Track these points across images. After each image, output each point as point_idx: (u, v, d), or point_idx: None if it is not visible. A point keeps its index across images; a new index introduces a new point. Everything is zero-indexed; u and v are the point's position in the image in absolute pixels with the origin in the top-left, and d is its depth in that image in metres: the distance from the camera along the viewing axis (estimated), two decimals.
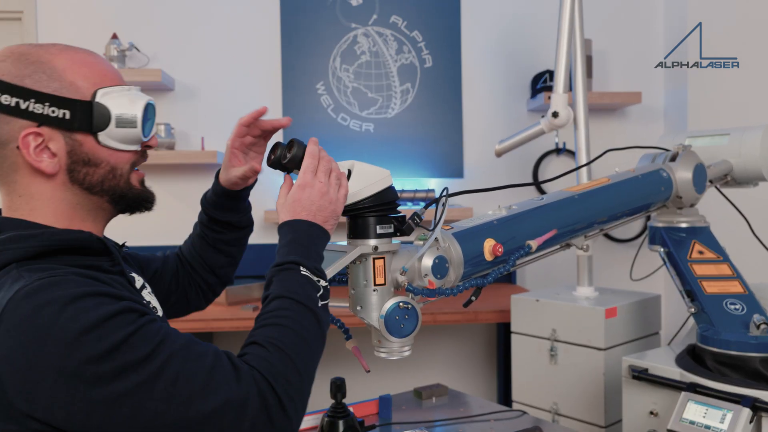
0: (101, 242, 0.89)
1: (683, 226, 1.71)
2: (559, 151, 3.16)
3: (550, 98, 2.31)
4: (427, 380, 2.26)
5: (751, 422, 1.38)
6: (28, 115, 0.85)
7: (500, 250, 1.13)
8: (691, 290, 1.64)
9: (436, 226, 1.06)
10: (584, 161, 2.31)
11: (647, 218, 2.76)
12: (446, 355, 3.25)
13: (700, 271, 1.65)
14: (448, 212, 1.06)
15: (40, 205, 0.89)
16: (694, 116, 2.97)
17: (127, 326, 0.76)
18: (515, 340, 2.32)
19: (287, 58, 3.08)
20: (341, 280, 1.08)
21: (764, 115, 2.76)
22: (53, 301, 0.74)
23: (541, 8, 3.13)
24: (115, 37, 2.89)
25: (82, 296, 0.76)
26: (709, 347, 1.54)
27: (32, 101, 0.85)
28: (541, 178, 3.16)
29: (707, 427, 1.41)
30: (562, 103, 2.26)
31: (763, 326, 1.48)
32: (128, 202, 0.96)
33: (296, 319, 0.87)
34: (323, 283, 0.93)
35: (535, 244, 1.18)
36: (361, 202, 1.01)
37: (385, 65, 3.13)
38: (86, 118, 0.87)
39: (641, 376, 1.63)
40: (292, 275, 0.91)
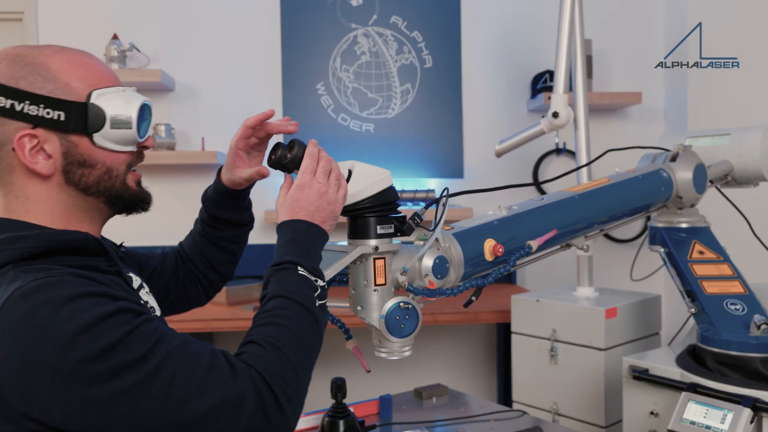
0: (98, 243, 0.89)
1: (683, 226, 1.71)
2: (559, 151, 3.16)
3: (550, 98, 2.31)
4: (427, 380, 2.26)
5: (751, 422, 1.37)
6: (23, 116, 0.85)
7: (500, 250, 1.13)
8: (691, 290, 1.64)
9: (436, 226, 1.06)
10: (584, 161, 2.31)
11: (647, 218, 2.76)
12: (446, 355, 3.25)
13: (700, 271, 1.65)
14: (448, 212, 1.06)
15: (36, 206, 0.89)
16: (694, 116, 2.97)
17: (123, 326, 0.76)
18: (515, 340, 2.32)
19: (287, 58, 3.08)
20: (342, 280, 1.08)
21: (764, 115, 2.76)
22: (49, 301, 0.75)
23: (541, 8, 3.13)
24: (115, 37, 2.89)
25: (78, 296, 0.76)
26: (709, 347, 1.54)
27: (27, 103, 0.85)
28: (541, 178, 3.16)
29: (708, 427, 1.41)
30: (562, 103, 2.27)
31: (763, 326, 1.48)
32: (124, 202, 0.96)
33: (293, 318, 0.87)
34: (321, 282, 0.93)
35: (535, 244, 1.18)
36: (361, 202, 1.01)
37: (385, 65, 3.13)
38: (81, 119, 0.87)
39: (642, 376, 1.63)
40: (289, 275, 0.91)
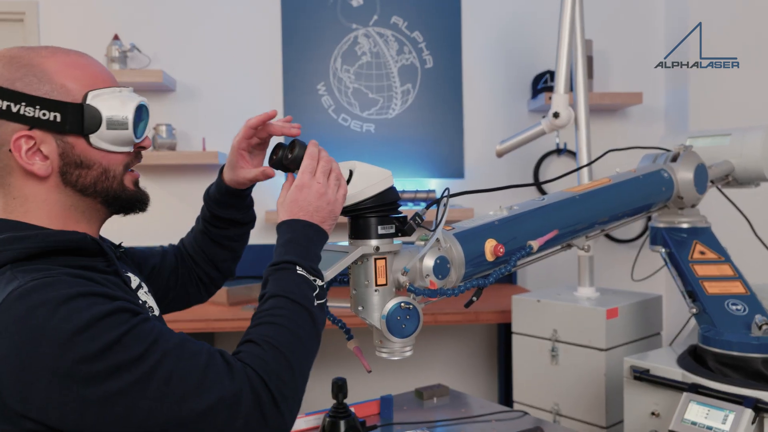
0: (96, 243, 0.89)
1: (684, 226, 1.71)
2: (560, 151, 3.16)
3: (550, 99, 2.31)
4: (428, 380, 2.26)
5: (753, 423, 1.37)
6: (19, 118, 0.85)
7: (501, 250, 1.13)
8: (692, 291, 1.63)
9: (437, 226, 1.06)
10: (585, 162, 2.31)
11: (648, 219, 2.76)
12: (447, 355, 3.25)
13: (701, 271, 1.65)
14: (449, 213, 1.06)
15: (34, 207, 0.89)
16: (695, 116, 2.96)
17: (120, 326, 0.76)
18: (516, 340, 2.32)
19: (288, 58, 3.08)
20: (343, 280, 1.08)
21: (766, 115, 2.76)
22: (47, 301, 0.75)
23: (541, 8, 3.13)
24: (116, 38, 2.90)
25: (75, 296, 0.76)
26: (710, 348, 1.54)
27: (23, 104, 0.85)
28: (541, 178, 3.16)
29: (709, 428, 1.40)
30: (563, 103, 2.27)
31: (765, 327, 1.47)
32: (122, 203, 0.96)
33: (292, 317, 0.87)
34: (319, 282, 0.93)
35: (536, 244, 1.18)
36: (362, 202, 1.01)
37: (385, 66, 3.13)
38: (77, 120, 0.87)
39: (643, 376, 1.63)
40: (288, 275, 0.91)
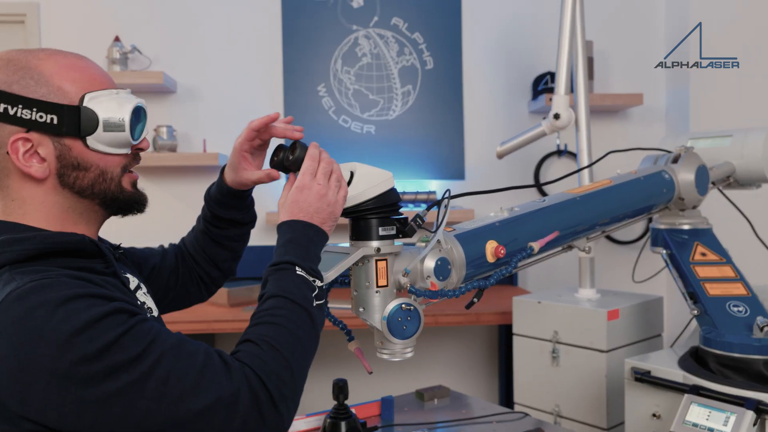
0: (94, 244, 0.89)
1: (685, 227, 1.71)
2: (560, 152, 3.16)
3: (551, 100, 2.31)
4: (428, 382, 2.26)
5: (754, 425, 1.37)
6: (16, 120, 0.85)
7: (502, 251, 1.13)
8: (693, 292, 1.63)
9: (438, 227, 1.06)
10: (586, 163, 2.31)
11: (649, 220, 2.75)
12: (448, 356, 3.25)
13: (702, 273, 1.64)
14: (449, 214, 1.06)
15: (32, 209, 0.89)
16: (696, 118, 2.96)
17: (118, 327, 0.76)
18: (517, 341, 2.32)
19: (288, 60, 3.08)
20: (344, 281, 1.08)
21: (767, 116, 2.76)
22: (45, 303, 0.75)
23: (541, 9, 3.13)
24: (117, 39, 2.90)
25: (73, 298, 0.76)
26: (712, 349, 1.54)
27: (20, 107, 0.85)
28: (542, 180, 3.16)
29: (710, 429, 1.40)
30: (563, 104, 2.26)
31: (766, 328, 1.47)
32: (120, 204, 0.96)
33: (290, 318, 0.88)
34: (319, 283, 0.93)
35: (537, 245, 1.17)
36: (363, 203, 1.01)
37: (386, 67, 3.13)
38: (74, 122, 0.88)
39: (644, 378, 1.63)
40: (287, 275, 0.91)
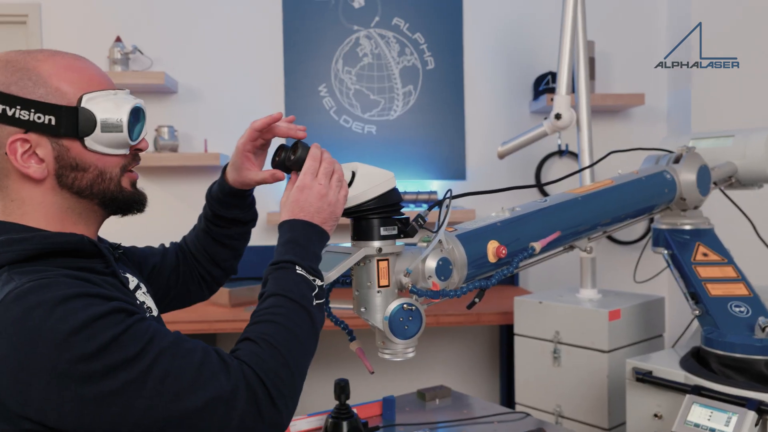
0: (93, 244, 0.89)
1: (687, 228, 1.70)
2: (561, 153, 3.16)
3: (552, 100, 2.31)
4: (430, 382, 2.26)
5: (756, 425, 1.37)
6: (14, 121, 0.86)
7: (504, 251, 1.13)
8: (695, 292, 1.63)
9: (439, 228, 1.06)
10: (587, 163, 2.31)
11: (651, 220, 2.75)
12: (449, 356, 3.25)
13: (704, 273, 1.64)
14: (451, 214, 1.06)
15: (31, 209, 0.89)
16: (697, 118, 2.96)
17: (116, 326, 0.77)
18: (518, 342, 2.32)
19: (289, 60, 3.08)
20: (345, 281, 1.08)
21: None
22: (43, 303, 0.75)
23: (542, 10, 3.13)
24: (118, 40, 2.90)
25: (71, 297, 0.76)
26: (713, 350, 1.54)
27: (18, 108, 0.85)
28: (543, 180, 3.16)
29: (712, 430, 1.40)
30: (564, 104, 2.26)
31: None
32: (119, 204, 0.96)
33: (290, 316, 0.88)
34: (319, 282, 0.94)
35: (538, 246, 1.17)
36: (365, 203, 1.01)
37: (387, 67, 3.13)
38: (72, 123, 0.88)
39: (645, 378, 1.62)
40: (287, 274, 0.92)
